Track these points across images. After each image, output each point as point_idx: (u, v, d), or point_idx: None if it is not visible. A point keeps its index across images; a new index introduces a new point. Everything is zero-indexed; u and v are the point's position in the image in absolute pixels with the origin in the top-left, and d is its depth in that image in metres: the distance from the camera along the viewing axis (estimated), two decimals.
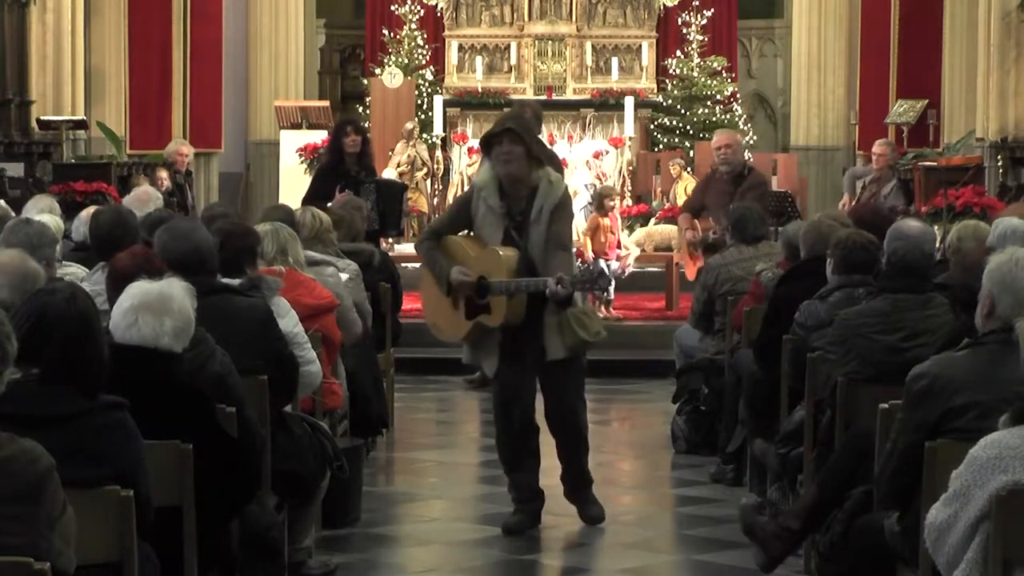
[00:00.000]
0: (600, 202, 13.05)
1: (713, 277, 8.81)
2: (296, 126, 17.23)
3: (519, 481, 7.29)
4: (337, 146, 11.30)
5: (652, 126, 18.06)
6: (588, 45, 18.14)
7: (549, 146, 17.35)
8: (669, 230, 14.11)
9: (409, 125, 16.27)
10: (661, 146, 17.82)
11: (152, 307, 4.64)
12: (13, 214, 7.91)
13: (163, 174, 13.87)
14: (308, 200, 10.40)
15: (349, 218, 9.16)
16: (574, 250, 8.37)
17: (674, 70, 18.42)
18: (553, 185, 7.02)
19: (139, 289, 4.70)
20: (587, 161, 16.93)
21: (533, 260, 6.96)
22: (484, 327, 7.05)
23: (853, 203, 12.80)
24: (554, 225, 6.98)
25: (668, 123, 18.17)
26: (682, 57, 18.49)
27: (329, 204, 9.73)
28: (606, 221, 12.84)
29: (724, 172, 11.16)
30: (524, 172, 6.96)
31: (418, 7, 18.36)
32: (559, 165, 10.86)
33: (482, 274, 6.95)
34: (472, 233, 7.14)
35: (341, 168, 11.17)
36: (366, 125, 16.98)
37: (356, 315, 7.69)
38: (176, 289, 4.75)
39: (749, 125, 18.51)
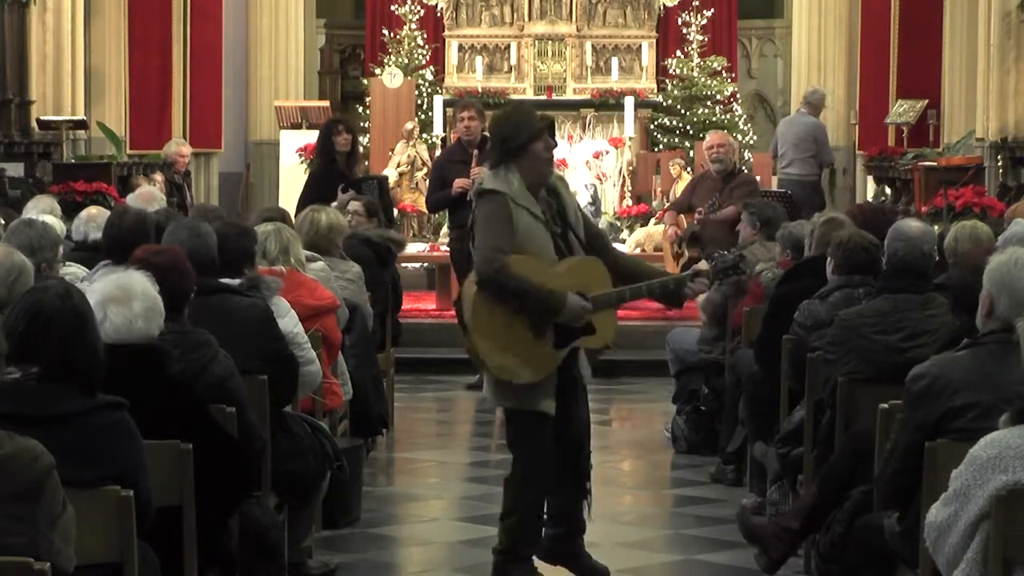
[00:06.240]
0: None
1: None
2: (296, 126, 17.23)
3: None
4: (328, 147, 11.08)
5: (652, 126, 18.04)
6: (588, 45, 18.11)
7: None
8: None
9: (409, 125, 16.26)
10: (661, 146, 17.80)
11: (117, 297, 4.62)
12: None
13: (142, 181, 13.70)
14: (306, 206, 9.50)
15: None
16: None
17: (674, 70, 18.40)
18: (566, 182, 6.21)
19: (100, 285, 4.70)
20: (587, 161, 16.96)
21: None
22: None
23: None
24: (591, 224, 6.19)
25: (668, 123, 18.14)
26: (682, 57, 18.47)
27: (333, 204, 9.61)
28: None
29: (715, 171, 11.29)
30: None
31: (418, 7, 18.34)
32: None
33: (579, 290, 5.89)
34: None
35: (335, 169, 11.00)
36: (366, 125, 17.06)
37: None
38: (134, 275, 4.76)
39: (749, 125, 18.49)
